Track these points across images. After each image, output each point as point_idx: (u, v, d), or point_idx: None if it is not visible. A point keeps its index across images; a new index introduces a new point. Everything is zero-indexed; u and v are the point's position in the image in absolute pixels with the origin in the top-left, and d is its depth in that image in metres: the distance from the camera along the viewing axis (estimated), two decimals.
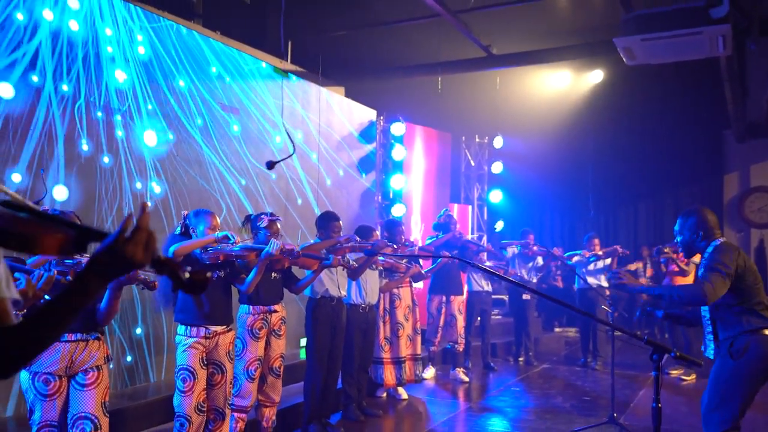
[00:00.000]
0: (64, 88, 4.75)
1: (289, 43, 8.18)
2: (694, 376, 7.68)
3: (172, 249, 3.59)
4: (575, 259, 8.52)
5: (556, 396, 6.83)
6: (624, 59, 6.96)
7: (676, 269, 7.91)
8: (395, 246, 5.70)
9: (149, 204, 3.83)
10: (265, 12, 8.16)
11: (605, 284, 8.33)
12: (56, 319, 1.33)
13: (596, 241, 8.45)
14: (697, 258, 7.70)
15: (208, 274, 1.40)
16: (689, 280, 7.69)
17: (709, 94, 10.67)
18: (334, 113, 8.09)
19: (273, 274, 4.66)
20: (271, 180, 6.87)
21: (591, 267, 8.41)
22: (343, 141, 8.27)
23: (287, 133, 5.26)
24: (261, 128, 6.80)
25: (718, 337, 3.51)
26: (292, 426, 5.35)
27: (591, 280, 8.24)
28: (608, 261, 8.43)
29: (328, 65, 8.44)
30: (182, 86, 5.83)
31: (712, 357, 3.58)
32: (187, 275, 1.36)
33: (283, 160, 4.05)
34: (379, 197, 9.10)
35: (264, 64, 7.01)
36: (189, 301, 3.84)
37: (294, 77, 7.47)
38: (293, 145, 4.34)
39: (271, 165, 3.65)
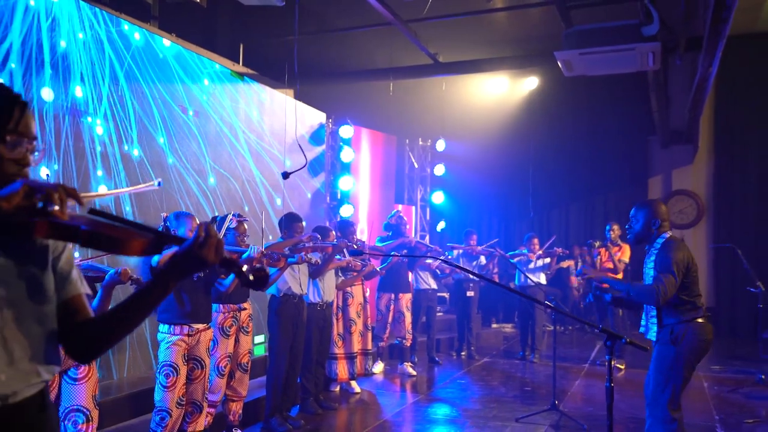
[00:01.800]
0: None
1: (241, 46, 8.32)
2: (624, 366, 8.27)
3: (156, 258, 3.73)
4: (516, 258, 8.97)
5: (499, 387, 7.24)
6: (563, 71, 7.45)
7: (610, 266, 8.42)
8: (355, 246, 5.97)
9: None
10: (216, 14, 8.26)
11: (543, 282, 8.83)
12: (137, 312, 1.56)
13: (536, 240, 8.92)
14: (625, 257, 8.36)
15: (267, 270, 1.63)
16: (620, 276, 8.26)
17: (636, 103, 11.39)
18: (286, 116, 8.28)
19: None
20: (228, 181, 7.02)
21: (531, 266, 8.88)
22: (295, 143, 8.46)
23: (299, 145, 5.47)
24: (218, 130, 6.93)
25: (661, 323, 3.92)
26: (252, 419, 5.54)
27: (530, 277, 8.70)
28: (547, 260, 8.93)
29: (278, 68, 8.61)
30: (143, 88, 5.92)
31: (654, 339, 4.00)
32: (249, 274, 1.60)
33: (296, 171, 4.26)
34: (328, 198, 9.33)
35: (217, 67, 7.13)
36: (171, 301, 4.01)
37: (249, 80, 7.62)
38: (305, 158, 4.55)
39: (286, 175, 3.86)
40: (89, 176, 5.24)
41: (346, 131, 9.25)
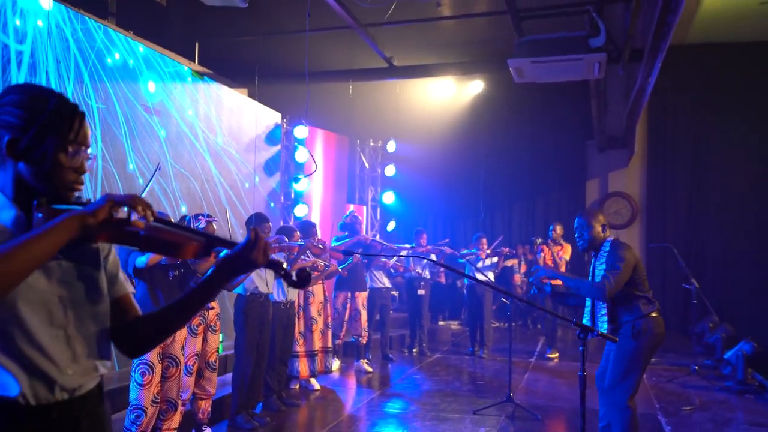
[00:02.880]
0: None
1: (197, 45, 8.30)
2: (557, 355, 8.91)
3: (143, 260, 3.78)
4: (466, 257, 9.25)
5: (453, 381, 7.50)
6: (514, 77, 7.77)
7: (550, 263, 8.86)
8: (320, 247, 6.10)
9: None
10: (172, 12, 8.21)
11: (492, 280, 9.16)
12: (186, 311, 1.68)
13: (484, 240, 9.23)
14: (567, 255, 8.84)
15: (309, 271, 1.77)
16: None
17: (576, 109, 11.89)
18: (243, 116, 8.31)
19: None
20: (188, 180, 7.02)
21: (479, 264, 9.18)
22: (251, 143, 8.51)
23: (310, 154, 5.58)
24: (179, 130, 6.93)
25: (618, 320, 4.20)
26: (218, 417, 5.59)
27: (479, 276, 9.01)
28: (495, 259, 9.26)
29: (234, 68, 8.63)
30: (107, 86, 5.88)
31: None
32: (293, 274, 1.73)
33: (307, 176, 4.35)
34: (282, 198, 9.39)
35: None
36: (147, 299, 4.06)
37: (208, 80, 7.63)
38: (315, 164, 4.63)
39: (298, 180, 3.94)
40: None
41: (300, 131, 9.32)
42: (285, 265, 1.73)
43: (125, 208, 1.43)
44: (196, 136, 7.26)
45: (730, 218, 11.46)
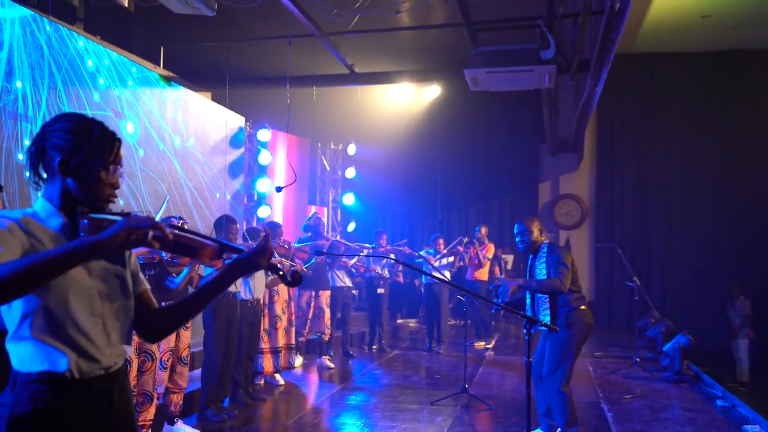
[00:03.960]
0: None
1: (162, 50, 8.48)
2: (483, 344, 9.81)
3: None
4: (423, 258, 9.64)
5: (411, 376, 7.85)
6: (470, 86, 8.19)
7: (476, 262, 9.49)
8: (286, 247, 6.38)
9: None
10: (137, 17, 8.35)
11: (448, 278, 9.57)
12: (197, 306, 1.99)
13: (441, 240, 9.64)
14: (490, 254, 9.51)
15: (300, 273, 2.07)
16: (486, 269, 9.75)
17: (529, 114, 12.41)
18: (208, 119, 8.52)
19: None
20: (155, 182, 7.21)
21: (436, 264, 9.57)
22: (216, 146, 8.72)
23: (290, 165, 5.83)
24: (147, 133, 7.11)
25: (554, 312, 4.66)
26: (187, 410, 5.82)
27: (436, 275, 9.40)
28: (451, 259, 9.67)
29: (197, 72, 8.83)
30: (80, 92, 6.05)
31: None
32: (288, 274, 2.03)
33: (287, 186, 4.62)
34: (245, 199, 9.62)
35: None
36: None
37: (175, 84, 7.82)
38: (295, 175, 4.91)
39: (279, 189, 4.22)
40: (13, 177, 5.36)
41: (263, 135, 9.57)
42: (281, 268, 2.02)
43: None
44: (164, 140, 7.45)
45: (673, 219, 12.13)
